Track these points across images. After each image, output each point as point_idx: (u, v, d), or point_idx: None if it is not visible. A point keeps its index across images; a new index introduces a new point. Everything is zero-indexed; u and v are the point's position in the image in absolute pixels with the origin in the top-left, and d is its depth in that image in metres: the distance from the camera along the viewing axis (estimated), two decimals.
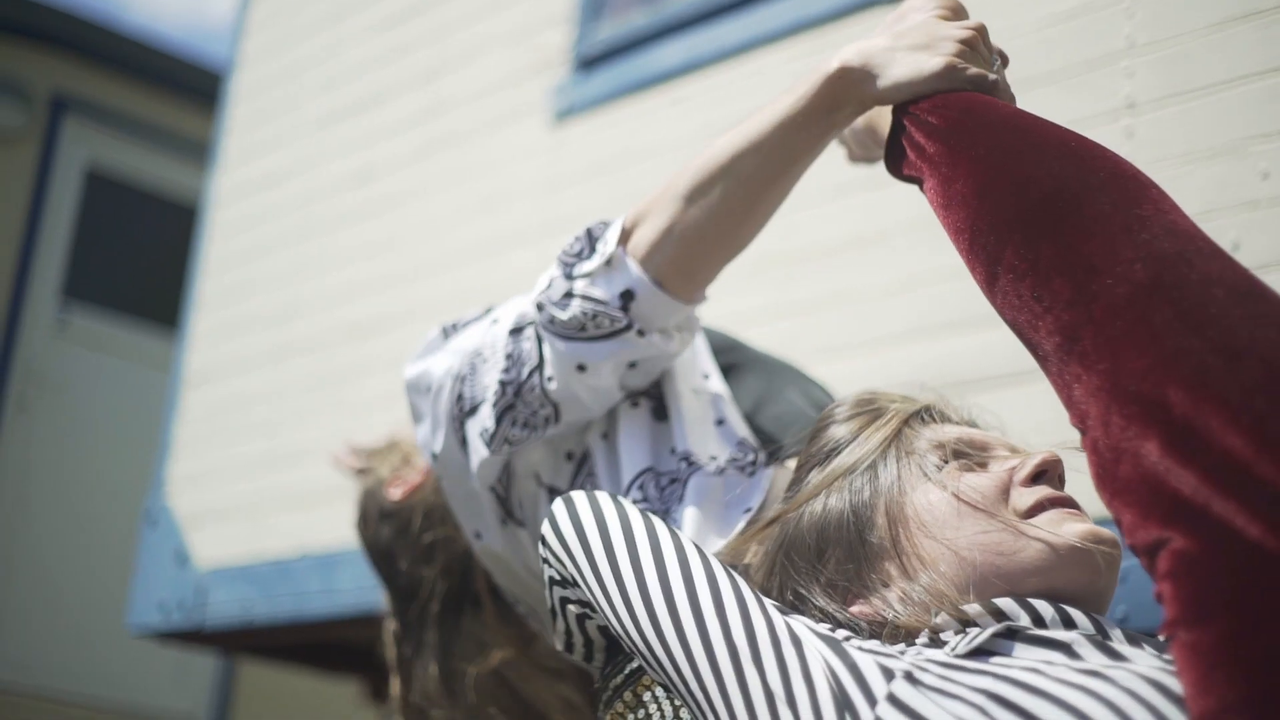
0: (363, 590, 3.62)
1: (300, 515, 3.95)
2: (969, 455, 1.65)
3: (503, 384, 2.03)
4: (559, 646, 1.83)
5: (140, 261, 7.60)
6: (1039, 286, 1.47)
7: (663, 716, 1.68)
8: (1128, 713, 1.28)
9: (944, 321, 2.67)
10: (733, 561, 1.86)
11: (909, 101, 1.73)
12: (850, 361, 2.80)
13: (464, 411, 2.09)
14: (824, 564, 1.64)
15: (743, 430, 2.09)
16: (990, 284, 1.55)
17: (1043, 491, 1.60)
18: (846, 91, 1.79)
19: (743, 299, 2.97)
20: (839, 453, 1.73)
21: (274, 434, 4.19)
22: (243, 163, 4.72)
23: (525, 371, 2.02)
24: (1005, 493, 1.61)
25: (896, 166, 1.75)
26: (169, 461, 4.53)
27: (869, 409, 1.77)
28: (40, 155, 7.23)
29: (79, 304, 7.28)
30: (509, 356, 2.03)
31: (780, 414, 2.13)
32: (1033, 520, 1.57)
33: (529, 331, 2.04)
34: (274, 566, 3.94)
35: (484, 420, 2.06)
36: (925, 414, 1.73)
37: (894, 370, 2.69)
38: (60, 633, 6.93)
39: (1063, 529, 1.56)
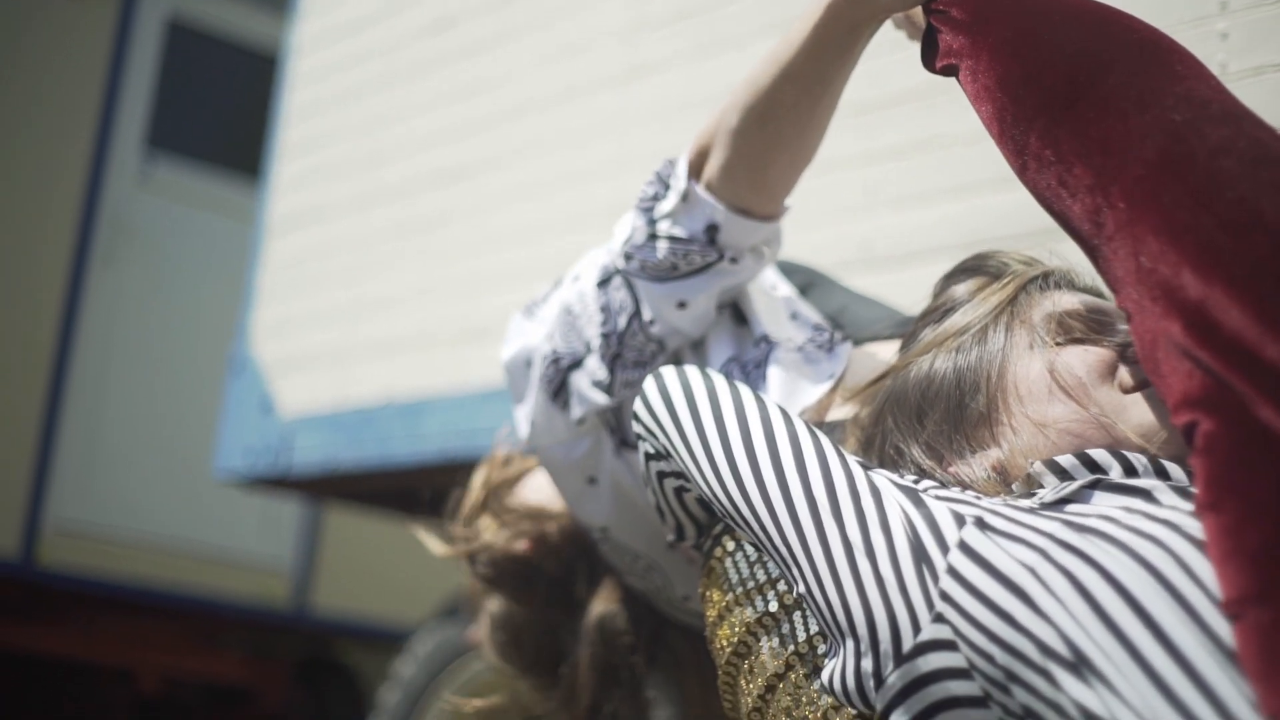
0: (446, 436, 3.65)
1: (384, 363, 3.97)
2: (1082, 327, 1.63)
3: (605, 336, 2.07)
4: (669, 538, 1.88)
5: (222, 112, 7.60)
6: (1063, 173, 1.46)
7: (748, 562, 1.70)
8: (1192, 566, 1.28)
9: None
10: (817, 421, 1.87)
11: None
12: (937, 207, 2.76)
13: (564, 368, 2.11)
14: (924, 424, 1.64)
15: (817, 317, 2.10)
16: (1023, 174, 1.54)
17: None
18: (855, 10, 1.77)
19: (829, 147, 2.94)
20: (954, 312, 1.73)
21: (357, 282, 4.20)
22: (324, 11, 4.70)
23: (624, 320, 2.06)
24: (1112, 370, 1.59)
25: (930, 62, 1.72)
26: (253, 310, 4.56)
27: (990, 270, 1.76)
28: (121, 7, 7.22)
29: (163, 155, 7.30)
30: (603, 309, 2.07)
31: (866, 317, 2.14)
32: (1129, 397, 1.56)
33: (616, 281, 2.06)
34: (358, 414, 3.98)
35: (594, 372, 2.09)
36: (1046, 280, 1.71)
37: (980, 219, 2.66)
38: (149, 480, 7.04)
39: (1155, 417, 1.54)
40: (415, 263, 4.02)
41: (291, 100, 4.73)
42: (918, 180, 2.82)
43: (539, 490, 2.41)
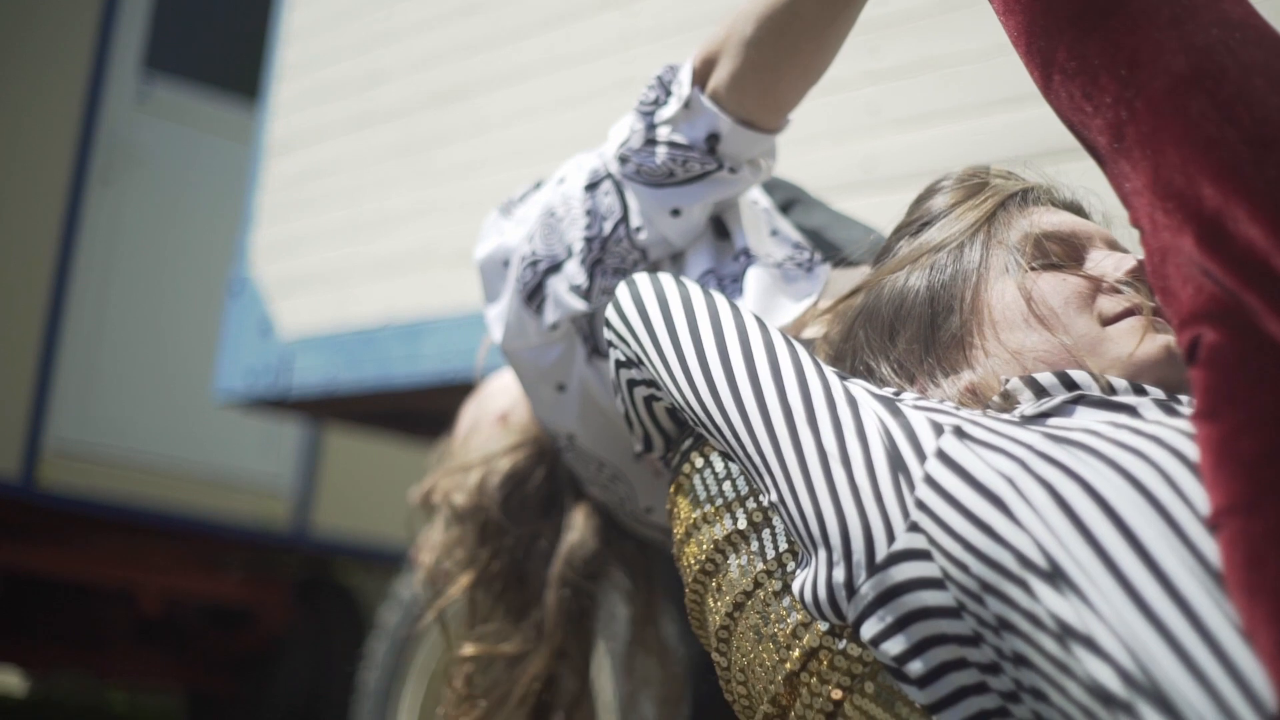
0: (445, 357, 3.65)
1: (383, 284, 3.96)
2: (1060, 250, 1.61)
3: (588, 240, 2.04)
4: (636, 449, 1.86)
5: (221, 32, 7.56)
6: (1088, 85, 1.44)
7: (716, 479, 1.68)
8: (1179, 483, 1.27)
9: (1034, 90, 2.62)
10: (795, 334, 1.86)
11: None
12: (938, 128, 2.75)
13: (541, 271, 2.09)
14: (895, 342, 1.62)
15: (797, 236, 2.09)
16: (1046, 86, 1.52)
17: (1129, 300, 1.56)
18: None
19: (831, 66, 2.92)
20: (931, 226, 1.70)
21: (356, 202, 4.19)
22: None
23: (609, 225, 2.04)
24: (1090, 298, 1.57)
25: None
26: (252, 232, 4.55)
27: (970, 184, 1.72)
28: None
29: (161, 76, 7.26)
30: (589, 213, 2.04)
31: (845, 237, 2.13)
32: (1109, 329, 1.54)
33: (606, 185, 2.04)
34: (358, 335, 3.98)
35: (573, 276, 2.06)
36: (1025, 197, 1.68)
37: (982, 139, 2.65)
38: (149, 401, 7.05)
39: (1137, 347, 1.52)
40: (414, 183, 4.00)
41: (290, 20, 4.70)
42: (920, 100, 2.80)
43: (510, 396, 2.41)
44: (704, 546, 1.63)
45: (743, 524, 1.61)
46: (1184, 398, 1.45)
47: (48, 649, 7.72)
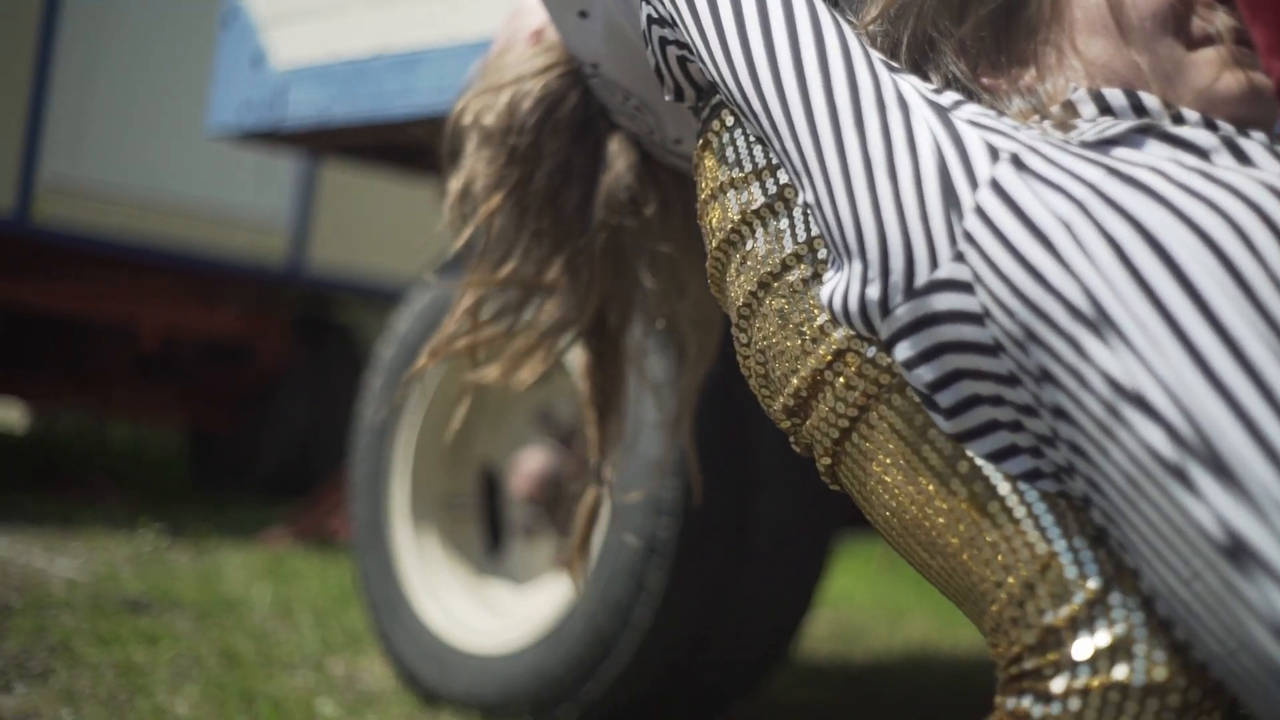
0: (441, 90, 3.59)
1: (378, 13, 3.88)
2: None
3: None
4: (667, 97, 1.74)
5: None
6: None
7: (747, 141, 1.58)
8: (1253, 239, 1.18)
9: None
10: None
11: None
12: None
13: None
14: (964, 18, 1.47)
15: None
16: None
17: (1220, 21, 1.42)
18: None
19: None
20: None
21: None
22: None
23: None
24: (1183, 17, 1.42)
25: None
26: None
27: None
28: None
29: None
30: None
31: None
32: (1193, 55, 1.41)
33: None
34: (352, 65, 3.90)
35: None
36: None
37: None
38: (144, 135, 6.99)
39: (1218, 78, 1.40)
40: None
41: None
42: None
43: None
44: (729, 215, 1.53)
45: (773, 197, 1.50)
46: (1258, 136, 1.34)
47: (49, 384, 7.79)
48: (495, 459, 3.80)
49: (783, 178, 1.50)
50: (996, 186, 1.29)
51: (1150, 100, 1.38)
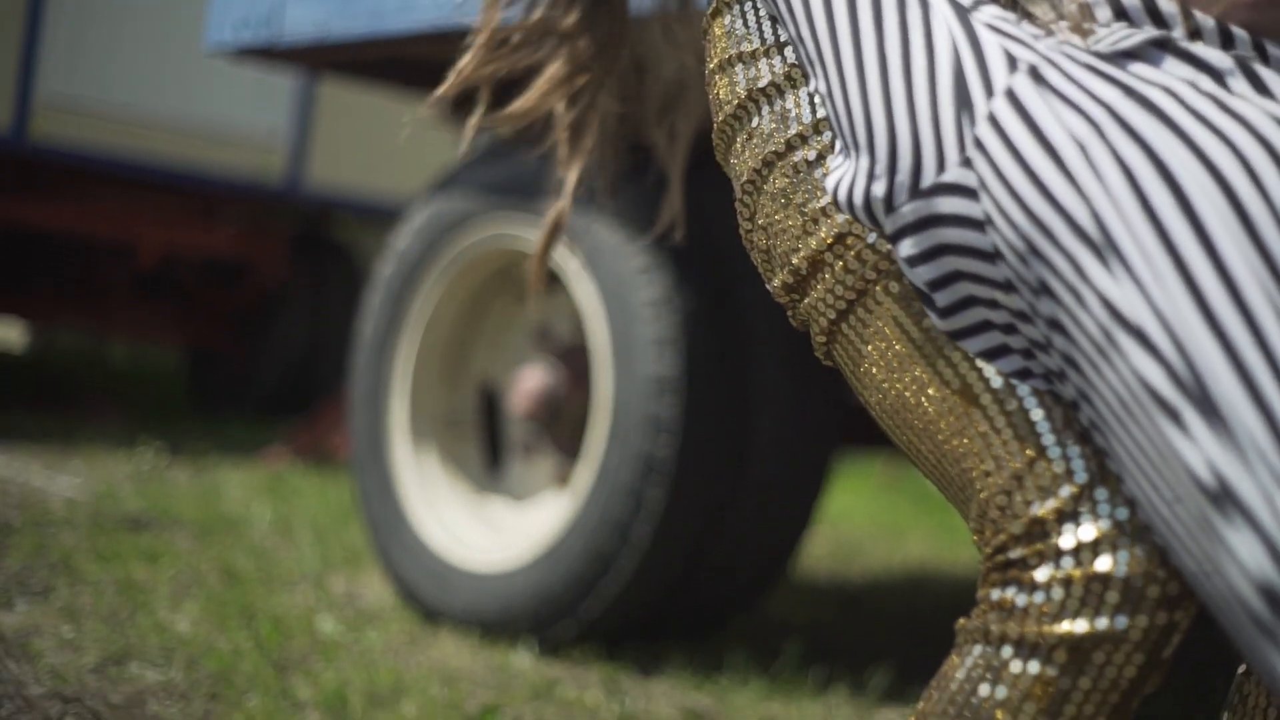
0: (440, 6, 3.56)
1: None
2: None
3: None
4: None
5: None
6: None
7: (755, 14, 1.56)
8: (1260, 174, 1.18)
9: None
10: None
11: None
12: None
13: None
14: None
15: None
16: None
17: None
18: None
19: None
20: None
21: None
22: None
23: None
24: None
25: None
26: None
27: None
28: None
29: None
30: None
31: None
32: None
33: None
34: None
35: None
36: None
37: None
38: (141, 53, 6.95)
39: None
40: None
41: None
42: None
43: None
44: (737, 89, 1.51)
45: (781, 75, 1.48)
46: (1276, 56, 1.32)
47: (47, 302, 7.78)
48: (494, 376, 3.81)
49: (790, 57, 1.48)
50: (1012, 97, 1.27)
51: (1165, 4, 1.35)
